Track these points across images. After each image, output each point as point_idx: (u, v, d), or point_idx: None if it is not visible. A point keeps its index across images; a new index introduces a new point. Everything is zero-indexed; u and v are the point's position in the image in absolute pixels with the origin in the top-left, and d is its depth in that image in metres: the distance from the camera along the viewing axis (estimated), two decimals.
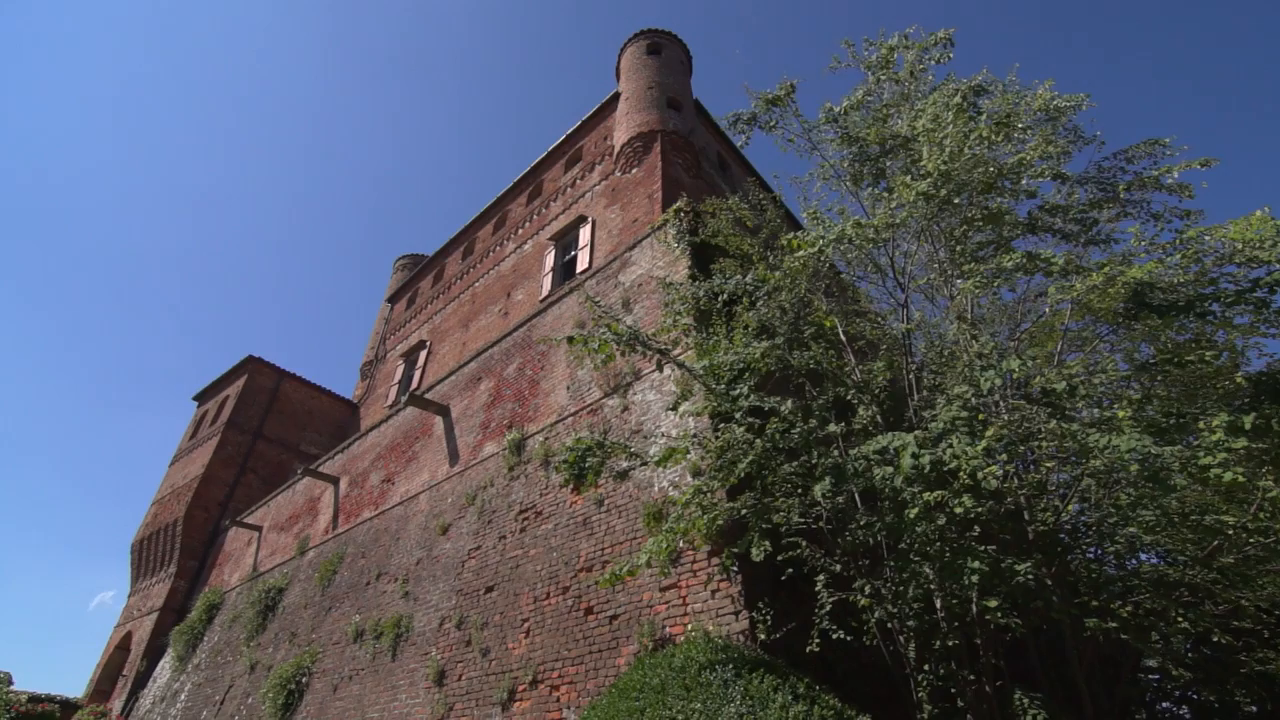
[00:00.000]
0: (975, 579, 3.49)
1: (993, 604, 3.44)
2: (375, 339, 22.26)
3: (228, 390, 20.24)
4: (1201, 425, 3.58)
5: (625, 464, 5.46)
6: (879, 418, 5.09)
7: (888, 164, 5.43)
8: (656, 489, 6.09)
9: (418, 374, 17.03)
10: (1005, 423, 3.91)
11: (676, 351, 4.65)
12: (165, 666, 14.87)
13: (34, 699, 13.85)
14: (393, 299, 22.03)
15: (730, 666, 3.29)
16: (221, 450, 18.47)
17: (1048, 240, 5.75)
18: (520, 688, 6.17)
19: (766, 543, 4.11)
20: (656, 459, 4.20)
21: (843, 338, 5.75)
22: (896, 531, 3.97)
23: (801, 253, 4.47)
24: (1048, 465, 4.77)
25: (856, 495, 4.73)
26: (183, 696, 13.04)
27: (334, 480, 12.93)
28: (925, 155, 4.75)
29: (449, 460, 9.79)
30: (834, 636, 4.44)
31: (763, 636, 4.67)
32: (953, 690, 4.34)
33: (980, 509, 3.52)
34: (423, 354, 17.33)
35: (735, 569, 4.98)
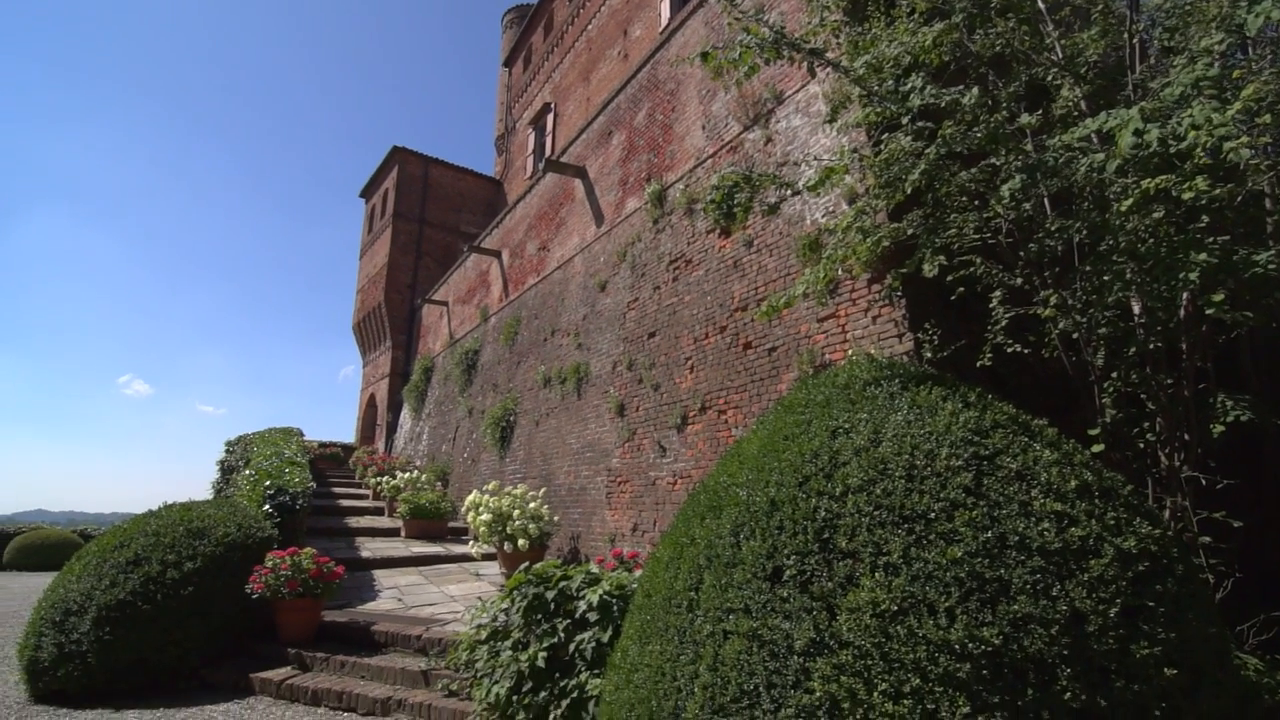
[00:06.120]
0: (1195, 276, 3.03)
1: (1217, 299, 3.01)
2: (501, 110, 21.92)
3: (385, 183, 21.63)
4: None
5: (775, 197, 5.15)
6: (1083, 103, 4.19)
7: None
8: (809, 221, 5.80)
9: (549, 140, 16.83)
10: (1271, 76, 3.02)
11: (828, 54, 3.96)
12: (405, 417, 18.50)
13: (322, 444, 18.16)
14: (508, 62, 21.07)
15: (896, 381, 3.30)
16: (396, 239, 20.39)
17: None
18: (691, 414, 6.88)
19: (941, 257, 3.82)
20: (811, 183, 3.87)
21: (1041, 5, 4.57)
22: (1100, 231, 3.47)
23: None
24: None
25: (1047, 200, 4.14)
26: (424, 436, 16.35)
27: (496, 254, 13.92)
28: None
29: (595, 221, 9.99)
30: (1008, 350, 4.27)
31: (928, 355, 4.62)
32: (1143, 395, 4.11)
33: (1218, 192, 2.92)
34: (549, 118, 16.90)
35: (899, 293, 4.80)
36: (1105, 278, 3.55)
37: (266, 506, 7.23)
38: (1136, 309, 3.97)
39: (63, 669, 4.89)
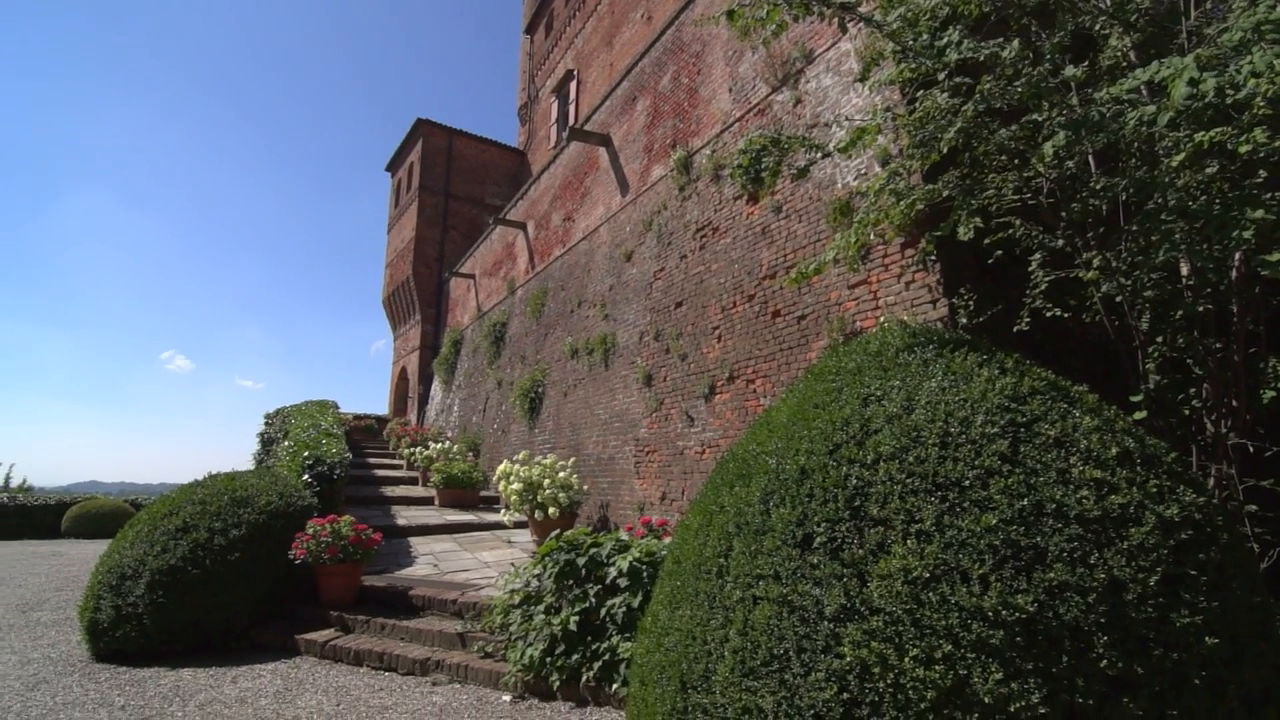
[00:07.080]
0: (1250, 234, 2.88)
1: (1273, 258, 2.86)
2: (524, 79, 21.66)
3: (410, 156, 21.66)
4: None
5: (805, 160, 5.01)
6: (1132, 53, 3.97)
7: None
8: (839, 185, 5.65)
9: (572, 108, 16.63)
10: None
11: (861, 9, 3.80)
12: (436, 389, 18.81)
13: (357, 416, 18.58)
14: (530, 29, 20.74)
15: (930, 347, 3.23)
16: (422, 213, 20.48)
17: None
18: (719, 383, 6.86)
19: (977, 219, 3.70)
20: (843, 144, 3.75)
21: None
22: (1147, 189, 3.31)
23: None
24: None
25: (1091, 157, 3.96)
26: (455, 408, 16.62)
27: (522, 225, 13.90)
28: None
29: (620, 190, 9.88)
30: (1047, 315, 4.15)
31: (964, 321, 4.52)
32: (1189, 360, 3.97)
33: (1278, 144, 2.75)
34: (572, 85, 16.67)
35: (933, 257, 4.67)
36: (1153, 238, 3.41)
37: (306, 476, 7.46)
38: (1185, 270, 3.82)
39: (120, 630, 5.17)
